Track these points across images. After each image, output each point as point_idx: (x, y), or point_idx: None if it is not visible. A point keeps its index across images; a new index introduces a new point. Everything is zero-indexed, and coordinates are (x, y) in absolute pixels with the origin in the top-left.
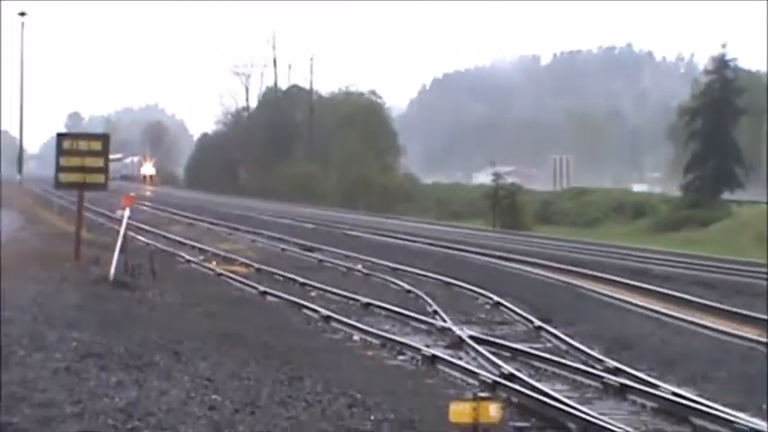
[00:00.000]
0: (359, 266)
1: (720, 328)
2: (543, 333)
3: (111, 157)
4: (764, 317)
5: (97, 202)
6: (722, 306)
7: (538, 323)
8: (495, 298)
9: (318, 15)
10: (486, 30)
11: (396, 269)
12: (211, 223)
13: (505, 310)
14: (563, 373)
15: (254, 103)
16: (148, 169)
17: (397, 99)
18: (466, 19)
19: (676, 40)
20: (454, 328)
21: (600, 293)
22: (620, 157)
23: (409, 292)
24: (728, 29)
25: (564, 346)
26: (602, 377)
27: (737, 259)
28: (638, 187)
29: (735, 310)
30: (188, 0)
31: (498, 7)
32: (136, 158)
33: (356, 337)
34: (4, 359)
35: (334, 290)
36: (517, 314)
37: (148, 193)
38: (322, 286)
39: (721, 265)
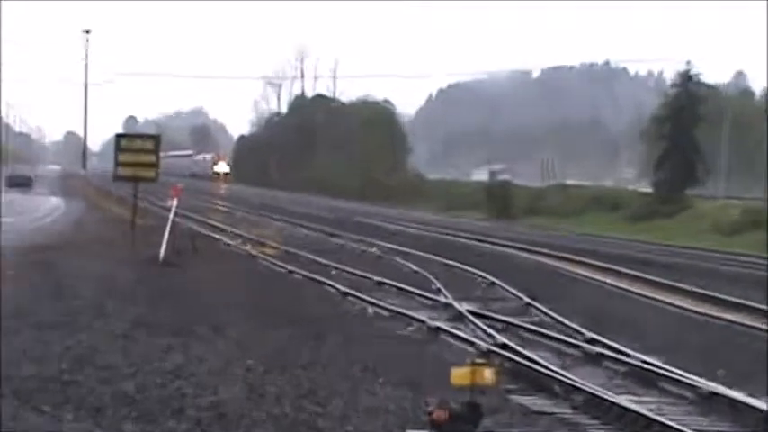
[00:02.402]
0: (373, 249)
1: (681, 305)
2: (532, 309)
3: (181, 153)
4: (723, 297)
5: (153, 192)
6: (680, 285)
7: (527, 300)
8: (490, 278)
9: (340, 33)
10: (485, 46)
11: (406, 253)
12: (247, 212)
13: (499, 289)
14: (548, 342)
15: (284, 109)
16: (222, 167)
17: (407, 107)
18: (467, 36)
19: (647, 57)
20: (455, 304)
21: (579, 275)
22: (598, 158)
23: (417, 272)
24: (693, 48)
25: (549, 320)
26: (582, 346)
27: (696, 246)
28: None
29: (694, 290)
30: (227, 14)
31: (495, 26)
32: (208, 156)
33: (370, 310)
34: (71, 325)
35: (352, 269)
36: (509, 292)
37: (220, 190)
38: (341, 266)
39: (680, 251)
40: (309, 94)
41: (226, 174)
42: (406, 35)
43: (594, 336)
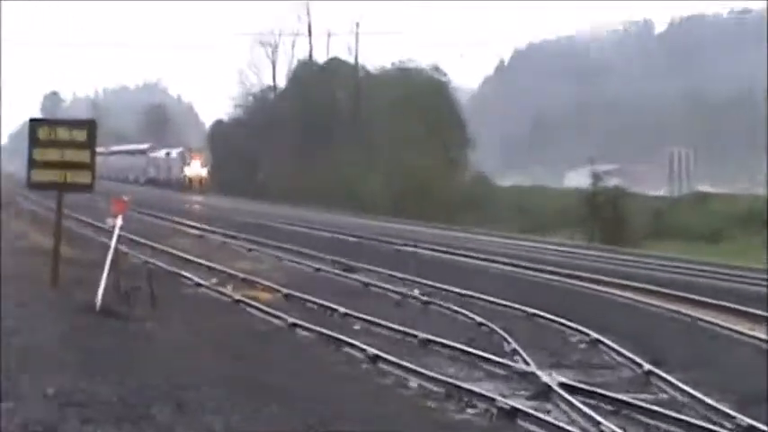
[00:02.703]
0: (415, 292)
1: None
2: (655, 380)
3: (130, 148)
4: None
5: (86, 207)
6: None
7: (648, 367)
8: (593, 334)
9: None
10: None
11: (465, 296)
12: (227, 236)
13: (606, 349)
14: (681, 431)
15: (282, 82)
16: (195, 169)
17: (466, 77)
18: None
19: None
20: (540, 373)
21: (730, 329)
22: (751, 152)
23: (482, 326)
24: None
25: (681, 398)
26: None
27: None
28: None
29: None
30: None
31: None
32: (175, 152)
33: (413, 383)
34: None
35: (384, 322)
36: (621, 355)
37: (192, 205)
38: (368, 317)
39: None
40: (320, 58)
41: (201, 179)
42: None
43: (752, 422)
